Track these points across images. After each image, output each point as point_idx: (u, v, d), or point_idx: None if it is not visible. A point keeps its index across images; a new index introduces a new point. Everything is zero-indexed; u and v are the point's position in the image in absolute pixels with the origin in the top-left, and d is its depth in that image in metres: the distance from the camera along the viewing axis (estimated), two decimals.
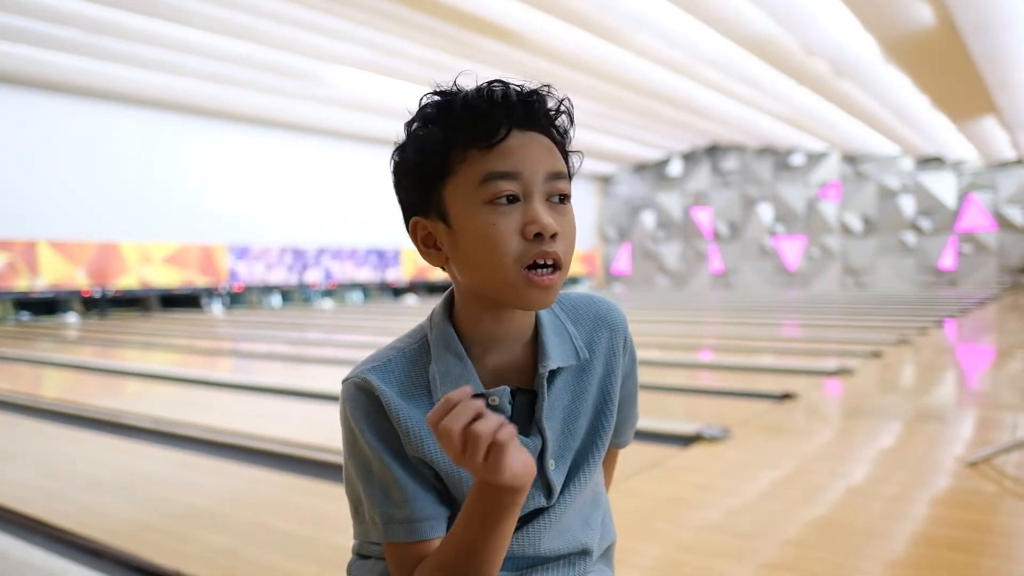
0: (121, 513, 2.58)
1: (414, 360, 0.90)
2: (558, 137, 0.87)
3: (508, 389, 0.88)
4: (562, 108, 0.88)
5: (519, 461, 0.73)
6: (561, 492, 0.91)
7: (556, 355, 0.90)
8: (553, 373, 0.90)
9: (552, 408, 0.90)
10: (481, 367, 0.89)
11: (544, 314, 0.93)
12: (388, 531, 0.86)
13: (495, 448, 0.70)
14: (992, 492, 2.63)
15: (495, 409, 0.87)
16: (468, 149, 0.81)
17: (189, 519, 2.51)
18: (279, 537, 2.34)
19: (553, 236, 0.81)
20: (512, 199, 0.81)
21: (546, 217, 0.81)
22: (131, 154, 14.38)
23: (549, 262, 0.82)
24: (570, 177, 0.90)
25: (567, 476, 0.92)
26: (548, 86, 0.87)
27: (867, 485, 2.79)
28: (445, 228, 0.85)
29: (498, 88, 0.83)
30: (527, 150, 0.82)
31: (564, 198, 0.85)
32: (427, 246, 0.88)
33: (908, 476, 2.84)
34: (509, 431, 0.71)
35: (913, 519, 2.39)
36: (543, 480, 0.90)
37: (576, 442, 0.93)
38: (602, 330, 0.96)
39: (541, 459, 0.89)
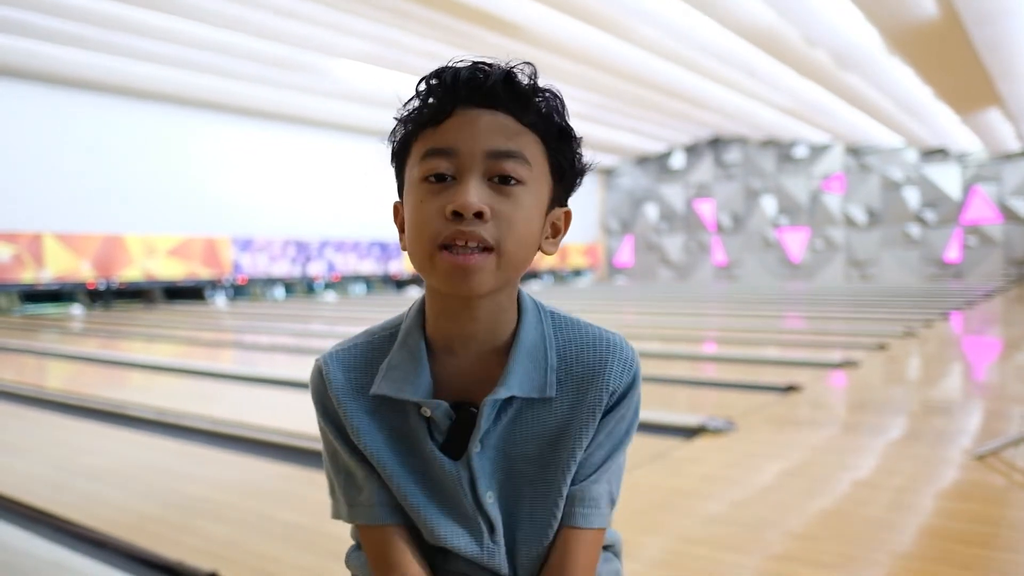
0: (124, 503, 2.58)
1: (378, 348, 0.87)
2: (528, 118, 0.79)
3: (446, 405, 0.82)
4: (540, 87, 0.81)
5: None
6: (508, 543, 0.85)
7: (516, 382, 0.81)
8: (508, 401, 0.82)
9: (499, 439, 0.83)
10: (441, 368, 0.84)
11: (530, 330, 0.84)
12: (353, 513, 0.86)
13: None
14: (1000, 485, 2.61)
15: (431, 421, 0.83)
16: (421, 130, 0.80)
17: (191, 510, 2.51)
18: (281, 528, 2.33)
19: (480, 215, 0.74)
20: (443, 177, 0.77)
21: (470, 196, 0.74)
22: (136, 147, 14.38)
23: (471, 244, 0.75)
24: (561, 166, 0.82)
25: (515, 524, 0.85)
26: (528, 63, 0.81)
27: (873, 477, 2.78)
28: (402, 208, 0.84)
29: (452, 67, 0.79)
30: (468, 127, 0.77)
31: (511, 180, 0.77)
32: (401, 230, 0.86)
33: (915, 468, 2.82)
34: None
35: (920, 511, 2.37)
36: (482, 514, 0.84)
37: (523, 484, 0.84)
38: (587, 373, 0.84)
39: (475, 490, 0.83)
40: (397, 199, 0.87)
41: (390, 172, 0.88)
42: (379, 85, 14.00)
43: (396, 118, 0.84)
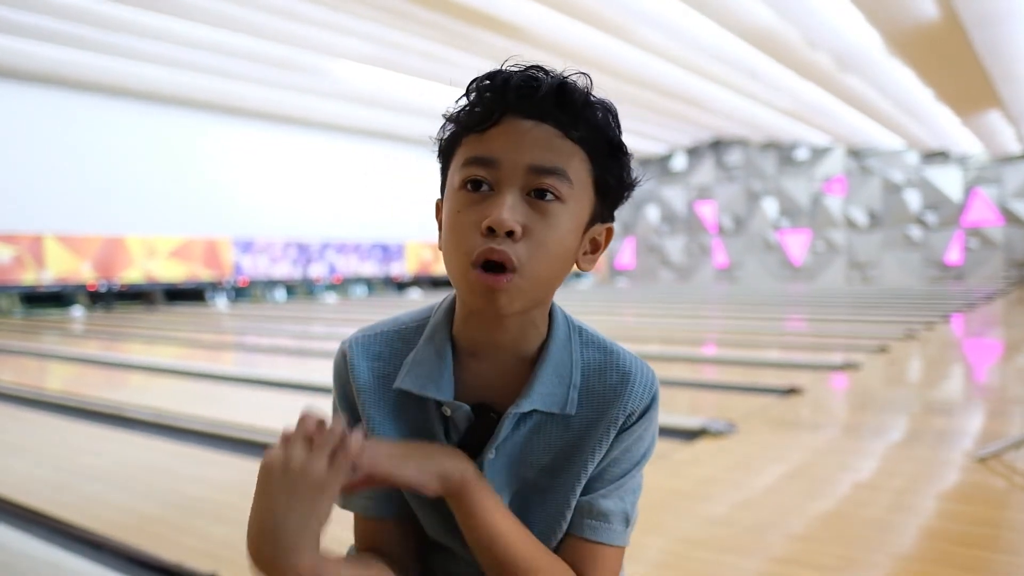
0: (123, 505, 2.57)
1: (405, 339, 0.86)
2: (577, 132, 0.77)
3: (467, 408, 0.82)
4: (593, 100, 0.79)
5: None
6: None
7: (539, 396, 0.82)
8: (528, 414, 0.83)
9: (515, 448, 0.83)
10: (465, 371, 0.84)
11: (558, 345, 0.84)
12: (346, 501, 0.87)
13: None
14: (1001, 487, 2.60)
15: (449, 421, 0.83)
16: (467, 133, 0.79)
17: (192, 511, 2.50)
18: None
19: (511, 234, 0.73)
20: (480, 185, 0.76)
21: (505, 212, 0.73)
22: (137, 148, 14.39)
23: (497, 260, 0.74)
24: (607, 182, 0.81)
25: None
26: (583, 74, 0.80)
27: (874, 479, 2.77)
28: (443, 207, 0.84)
29: (505, 71, 0.78)
30: (512, 139, 0.75)
31: (549, 195, 0.75)
32: (441, 227, 0.85)
33: (916, 470, 2.82)
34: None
35: (921, 513, 2.37)
36: None
37: (532, 493, 0.85)
38: (608, 393, 0.85)
39: None
40: (439, 196, 0.86)
41: (390, 173, 0.87)
42: (380, 86, 14.01)
43: (444, 116, 0.82)
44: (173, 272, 14.97)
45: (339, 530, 2.44)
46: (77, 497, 2.68)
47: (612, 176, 0.81)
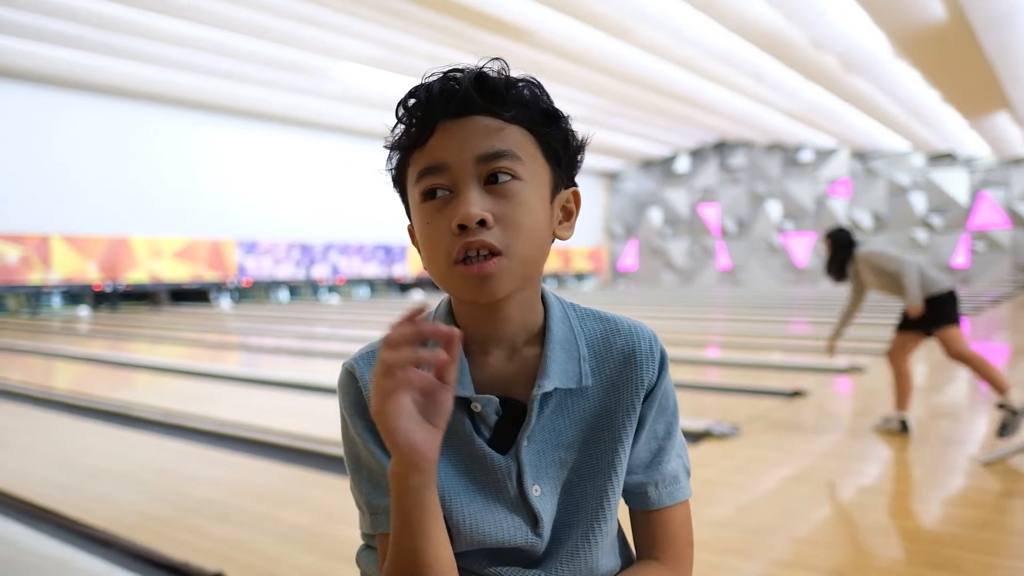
0: (129, 503, 2.59)
1: None
2: (508, 113, 0.79)
3: (495, 400, 0.82)
4: (515, 80, 0.81)
5: (416, 426, 0.68)
6: (555, 529, 0.85)
7: (556, 374, 0.83)
8: (549, 393, 0.84)
9: (543, 431, 0.84)
10: (478, 368, 0.84)
11: (558, 324, 0.86)
12: (375, 521, 0.83)
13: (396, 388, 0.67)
14: (1005, 492, 2.60)
15: (477, 417, 0.83)
16: (411, 152, 0.81)
17: (196, 510, 2.51)
18: (285, 528, 2.33)
19: (482, 223, 0.75)
20: (435, 192, 0.78)
21: (471, 206, 0.75)
22: (142, 150, 14.45)
23: (483, 252, 0.76)
24: (555, 149, 0.83)
25: (563, 511, 0.86)
26: (497, 59, 0.81)
27: (878, 483, 2.77)
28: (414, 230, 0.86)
29: (424, 84, 0.81)
30: (453, 139, 0.78)
31: (505, 176, 0.77)
32: (419, 250, 0.87)
33: (920, 474, 2.82)
34: (425, 380, 0.68)
35: (925, 518, 2.37)
36: (527, 507, 0.84)
37: (568, 473, 0.85)
38: (618, 357, 0.87)
39: (521, 484, 0.83)
40: (409, 223, 0.88)
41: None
42: (383, 88, 14.04)
43: (385, 146, 0.85)
44: (178, 273, 15.02)
45: (339, 530, 2.44)
46: (84, 496, 2.69)
47: (557, 142, 0.83)
